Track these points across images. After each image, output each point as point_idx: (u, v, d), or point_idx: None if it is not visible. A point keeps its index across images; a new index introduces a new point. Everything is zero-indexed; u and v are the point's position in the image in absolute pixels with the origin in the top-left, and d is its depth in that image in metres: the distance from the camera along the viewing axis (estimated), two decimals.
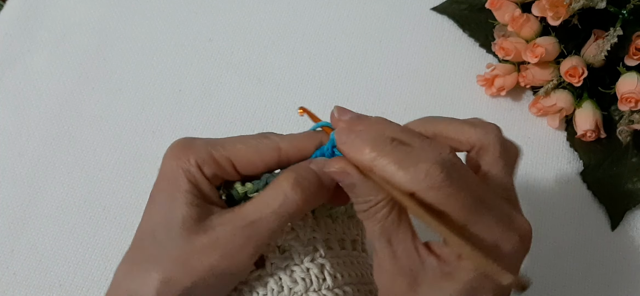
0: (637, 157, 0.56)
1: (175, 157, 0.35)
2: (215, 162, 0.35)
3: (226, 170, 0.35)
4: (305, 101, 0.61)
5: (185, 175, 0.34)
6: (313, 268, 0.36)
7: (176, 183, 0.34)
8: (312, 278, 0.36)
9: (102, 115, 0.60)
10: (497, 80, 0.59)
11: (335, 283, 0.37)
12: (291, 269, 0.36)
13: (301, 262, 0.36)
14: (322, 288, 0.36)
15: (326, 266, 0.37)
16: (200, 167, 0.35)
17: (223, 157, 0.35)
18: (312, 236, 0.37)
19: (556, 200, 0.56)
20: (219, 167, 0.35)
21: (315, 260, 0.37)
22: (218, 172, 0.35)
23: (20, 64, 0.63)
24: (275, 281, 0.36)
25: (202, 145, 0.35)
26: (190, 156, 0.35)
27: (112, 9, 0.67)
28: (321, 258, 0.37)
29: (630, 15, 0.55)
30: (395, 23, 0.66)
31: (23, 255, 0.53)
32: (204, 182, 0.35)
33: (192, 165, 0.35)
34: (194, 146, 0.35)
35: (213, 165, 0.35)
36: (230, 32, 0.65)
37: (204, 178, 0.35)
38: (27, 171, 0.57)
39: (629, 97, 0.53)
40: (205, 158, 0.35)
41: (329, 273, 0.36)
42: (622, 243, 0.54)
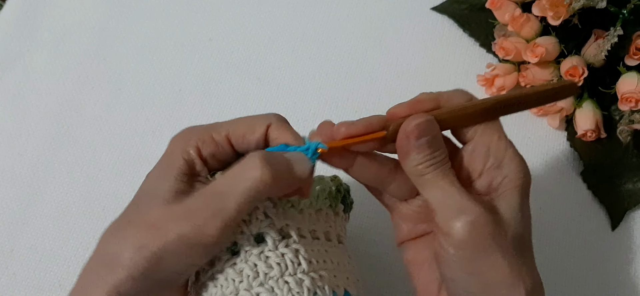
0: (637, 157, 0.56)
1: (177, 140, 0.38)
2: (213, 142, 0.37)
3: (224, 148, 0.38)
4: (305, 101, 0.61)
5: (181, 153, 0.37)
6: (288, 253, 0.37)
7: (171, 161, 0.37)
8: (287, 263, 0.36)
9: (102, 115, 0.60)
10: (497, 80, 0.59)
11: (311, 267, 0.37)
12: (266, 255, 0.37)
13: (275, 248, 0.37)
14: (297, 272, 0.36)
15: (301, 251, 0.37)
16: (199, 147, 0.37)
17: (221, 136, 0.38)
18: (286, 223, 0.38)
19: (556, 200, 0.56)
20: (216, 146, 0.38)
21: (289, 246, 0.37)
22: (216, 152, 0.38)
23: (20, 64, 0.63)
24: (249, 267, 0.36)
25: (204, 128, 0.38)
26: (191, 137, 0.37)
27: (112, 9, 0.67)
28: (295, 243, 0.37)
29: (630, 15, 0.55)
30: (395, 23, 0.66)
31: (23, 255, 0.53)
32: (197, 161, 0.37)
33: (191, 145, 0.37)
34: (196, 129, 0.38)
35: (211, 145, 0.37)
36: (230, 32, 0.65)
37: (199, 158, 0.37)
38: (27, 171, 0.57)
39: (629, 97, 0.53)
40: (206, 139, 0.37)
41: (304, 258, 0.37)
42: (622, 243, 0.54)
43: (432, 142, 0.36)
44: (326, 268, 0.38)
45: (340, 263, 0.40)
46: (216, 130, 0.38)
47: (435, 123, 0.37)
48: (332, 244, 0.41)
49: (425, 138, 0.36)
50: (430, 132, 0.36)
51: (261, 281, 0.36)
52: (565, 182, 0.57)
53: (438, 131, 0.37)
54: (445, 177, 0.36)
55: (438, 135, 0.37)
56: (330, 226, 0.42)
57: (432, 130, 0.37)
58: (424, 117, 0.37)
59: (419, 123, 0.36)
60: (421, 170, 0.37)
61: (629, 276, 0.53)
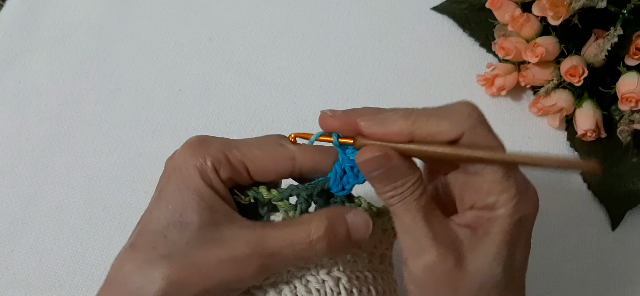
0: (637, 157, 0.56)
1: (191, 154, 0.35)
2: (230, 165, 0.35)
3: (241, 174, 0.35)
4: (305, 101, 0.61)
5: (200, 174, 0.34)
6: (328, 280, 0.35)
7: (190, 181, 0.34)
8: (327, 291, 0.35)
9: (102, 115, 0.60)
10: (497, 79, 0.59)
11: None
12: (307, 278, 0.36)
13: (317, 273, 0.36)
14: None
15: (342, 280, 0.36)
16: (216, 168, 0.34)
17: (238, 160, 0.35)
18: None
19: (556, 200, 0.56)
20: (234, 170, 0.35)
21: (331, 273, 0.36)
22: (233, 176, 0.35)
23: (20, 63, 0.63)
24: (289, 289, 0.35)
25: (219, 146, 0.35)
26: (206, 155, 0.34)
27: (112, 9, 0.67)
28: (338, 271, 0.36)
29: (630, 14, 0.55)
30: (395, 23, 0.66)
31: (23, 255, 0.53)
32: (219, 184, 0.35)
33: (208, 165, 0.34)
34: (212, 145, 0.35)
35: (228, 168, 0.35)
36: (230, 32, 0.65)
37: (219, 181, 0.35)
38: (27, 171, 0.57)
39: (629, 97, 0.53)
40: (222, 160, 0.35)
41: (344, 287, 0.36)
42: (622, 243, 0.54)
43: (387, 175, 0.33)
44: None
45: (387, 291, 0.39)
46: (232, 152, 0.35)
47: (389, 158, 0.33)
48: (384, 267, 0.40)
49: (377, 172, 0.33)
50: (382, 166, 0.33)
51: None
52: (565, 182, 0.57)
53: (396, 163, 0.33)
54: (408, 211, 0.33)
55: (396, 166, 0.33)
56: (387, 249, 0.40)
57: (384, 165, 0.33)
58: (375, 152, 0.33)
59: (368, 160, 0.33)
60: (385, 200, 0.34)
61: (629, 276, 0.53)
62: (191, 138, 0.36)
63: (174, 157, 0.36)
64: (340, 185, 0.36)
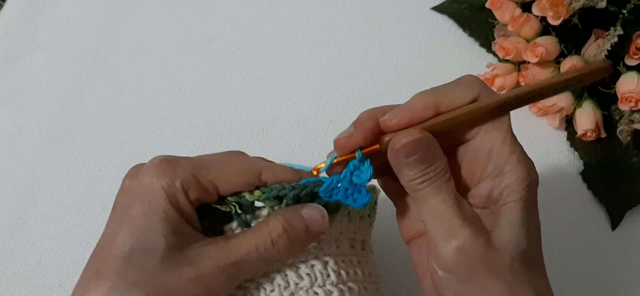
0: (637, 157, 0.56)
1: (157, 175, 0.34)
2: (200, 186, 0.35)
3: (210, 193, 0.35)
4: (305, 101, 0.61)
5: (167, 197, 0.34)
6: (317, 264, 0.37)
7: (156, 204, 0.33)
8: (316, 274, 0.37)
9: (102, 115, 0.60)
10: (497, 79, 0.59)
11: (339, 279, 0.37)
12: (297, 265, 0.37)
13: (306, 259, 0.37)
14: (326, 284, 0.37)
15: (330, 263, 0.37)
16: (185, 190, 0.34)
17: (208, 181, 0.35)
18: None
19: (556, 200, 0.56)
20: (203, 190, 0.35)
21: (319, 257, 0.37)
22: (202, 196, 0.35)
23: (20, 63, 0.63)
24: (281, 276, 0.36)
25: (188, 167, 0.34)
26: (175, 178, 0.34)
27: (112, 9, 0.67)
28: (325, 255, 0.37)
29: (630, 14, 0.55)
30: (395, 23, 0.66)
31: (23, 255, 0.53)
32: (187, 206, 0.34)
33: (177, 187, 0.34)
34: (179, 167, 0.34)
35: (198, 189, 0.35)
36: (230, 32, 0.65)
37: (188, 203, 0.34)
38: (27, 171, 0.57)
39: (629, 97, 0.53)
40: (191, 182, 0.34)
41: (333, 270, 0.37)
42: (622, 243, 0.54)
43: (424, 158, 0.34)
44: (356, 280, 0.38)
45: (372, 274, 0.40)
46: (201, 172, 0.35)
47: (426, 140, 0.34)
48: (365, 253, 0.41)
49: (415, 156, 0.34)
50: (420, 149, 0.34)
51: (292, 291, 0.36)
52: (565, 182, 0.57)
53: (431, 145, 0.35)
54: (438, 193, 0.34)
55: (431, 149, 0.35)
56: (366, 235, 0.42)
57: (422, 147, 0.34)
58: (413, 135, 0.34)
59: (406, 144, 0.34)
60: (414, 185, 0.35)
61: (629, 276, 0.53)
62: (157, 158, 0.35)
63: (137, 176, 0.35)
64: (329, 194, 0.37)
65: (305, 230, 0.36)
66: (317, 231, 0.36)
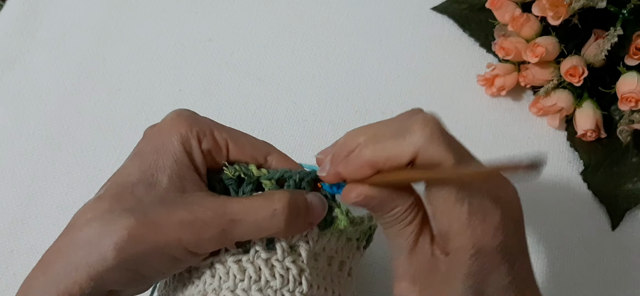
0: (637, 157, 0.56)
1: (178, 121, 0.36)
2: (214, 140, 0.36)
3: (221, 151, 0.37)
4: (305, 101, 0.61)
5: (181, 140, 0.35)
6: (293, 269, 0.36)
7: (169, 145, 0.35)
8: (289, 278, 0.36)
9: (102, 115, 0.60)
10: (497, 80, 0.59)
11: (310, 291, 0.37)
12: (272, 263, 0.36)
13: (283, 259, 0.37)
14: (295, 291, 0.36)
15: (305, 272, 0.37)
16: (200, 138, 0.36)
17: (222, 138, 0.37)
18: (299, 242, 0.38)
19: (556, 200, 0.56)
20: (216, 145, 0.36)
21: (296, 262, 0.37)
22: (213, 150, 0.36)
23: (20, 63, 0.63)
24: (254, 269, 0.36)
25: (207, 122, 0.37)
26: (193, 125, 0.36)
27: (112, 9, 0.67)
28: (302, 263, 0.37)
29: (630, 14, 0.55)
30: (395, 23, 0.66)
31: (23, 255, 0.53)
32: (198, 154, 0.36)
33: (193, 135, 0.36)
34: (199, 119, 0.37)
35: (211, 142, 0.36)
36: (230, 32, 0.65)
37: (200, 151, 0.36)
38: (27, 171, 0.57)
39: (629, 97, 0.53)
40: (207, 133, 0.36)
41: (306, 279, 0.37)
42: (622, 243, 0.54)
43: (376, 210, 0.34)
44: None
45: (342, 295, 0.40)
46: (218, 129, 0.37)
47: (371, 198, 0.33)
48: (342, 275, 0.41)
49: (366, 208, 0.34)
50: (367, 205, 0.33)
51: (261, 287, 0.36)
52: (565, 182, 0.57)
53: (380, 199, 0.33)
54: (396, 237, 0.34)
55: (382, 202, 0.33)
56: (348, 257, 0.42)
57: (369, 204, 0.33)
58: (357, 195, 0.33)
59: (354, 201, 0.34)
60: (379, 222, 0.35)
61: (629, 276, 0.53)
62: (181, 109, 0.37)
63: (158, 123, 0.37)
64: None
65: (306, 214, 0.36)
66: (314, 220, 0.37)
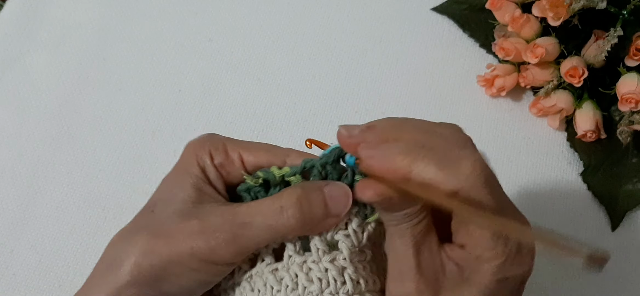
0: (637, 158, 0.56)
1: (193, 145, 0.37)
2: (225, 153, 0.37)
3: (234, 163, 0.37)
4: (305, 101, 0.61)
5: (196, 160, 0.36)
6: (332, 269, 0.34)
7: (187, 168, 0.36)
8: (329, 280, 0.34)
9: (102, 115, 0.60)
10: (497, 80, 0.59)
11: (356, 288, 0.34)
12: (309, 266, 0.34)
13: (319, 260, 0.34)
14: (339, 292, 0.34)
15: (348, 269, 0.34)
16: (212, 155, 0.36)
17: (235, 151, 0.37)
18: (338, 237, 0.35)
19: (556, 201, 0.56)
20: (227, 157, 0.37)
21: (335, 261, 0.34)
22: (225, 163, 0.37)
23: (20, 64, 0.63)
24: (290, 277, 0.34)
25: (219, 138, 0.38)
26: (206, 144, 0.37)
27: (112, 9, 0.67)
28: (343, 260, 0.34)
29: (630, 15, 0.55)
30: (395, 23, 0.66)
31: (23, 255, 0.53)
32: (211, 169, 0.36)
33: (205, 151, 0.36)
34: (213, 137, 0.38)
35: (223, 155, 0.37)
36: (230, 32, 0.65)
37: (212, 166, 0.36)
38: (27, 171, 0.57)
39: (629, 98, 0.53)
40: (219, 148, 0.37)
41: (350, 278, 0.34)
42: (622, 243, 0.54)
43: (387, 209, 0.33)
44: (374, 290, 0.36)
45: None
46: (231, 144, 0.37)
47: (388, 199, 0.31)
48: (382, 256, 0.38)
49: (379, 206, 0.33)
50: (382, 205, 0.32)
51: (299, 294, 0.34)
52: (565, 182, 0.57)
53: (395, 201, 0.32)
54: (402, 236, 0.32)
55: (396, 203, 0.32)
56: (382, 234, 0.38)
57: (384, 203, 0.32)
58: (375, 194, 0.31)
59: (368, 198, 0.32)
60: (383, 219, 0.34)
61: (629, 276, 0.53)
62: (202, 135, 0.38)
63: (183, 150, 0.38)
64: None
65: (323, 206, 0.34)
66: (338, 212, 0.34)
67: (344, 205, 0.35)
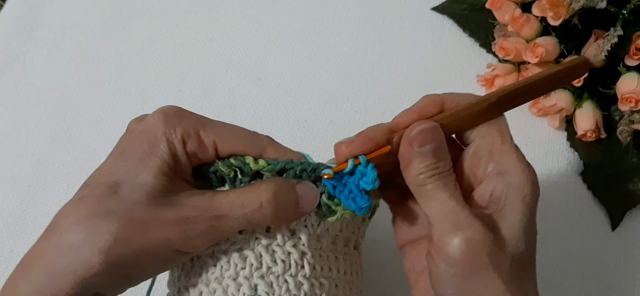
0: (637, 157, 0.56)
1: (164, 121, 0.35)
2: (199, 141, 0.35)
3: (208, 152, 0.36)
4: (305, 101, 0.61)
5: (167, 142, 0.34)
6: (294, 253, 0.37)
7: (155, 146, 0.34)
8: (291, 262, 0.36)
9: (102, 115, 0.60)
10: (497, 80, 0.59)
11: (313, 273, 0.37)
12: (273, 248, 0.37)
13: (283, 244, 0.37)
14: (298, 275, 0.36)
15: (307, 255, 0.37)
16: (185, 141, 0.35)
17: (209, 139, 0.35)
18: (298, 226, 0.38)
19: (556, 200, 0.56)
20: (201, 146, 0.35)
21: (297, 246, 0.37)
22: (199, 153, 0.35)
23: (20, 63, 0.63)
24: (255, 256, 0.36)
25: (192, 121, 0.35)
26: (178, 126, 0.35)
27: (112, 9, 0.67)
28: (303, 246, 0.37)
29: (630, 15, 0.55)
30: (395, 23, 0.66)
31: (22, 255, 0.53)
32: (183, 157, 0.35)
33: (177, 136, 0.35)
34: (185, 118, 0.35)
35: (196, 143, 0.35)
36: (230, 32, 0.65)
37: (185, 154, 0.35)
38: (27, 171, 0.57)
39: (629, 97, 0.53)
40: (192, 134, 0.35)
41: (308, 262, 0.37)
42: (622, 243, 0.54)
43: (436, 150, 0.35)
44: (330, 277, 0.38)
45: (348, 272, 0.40)
46: (205, 129, 0.35)
47: (440, 130, 0.35)
48: (347, 250, 0.41)
49: (429, 146, 0.35)
50: (434, 139, 0.35)
51: (263, 273, 0.36)
52: (565, 182, 0.57)
53: (443, 139, 0.35)
54: (446, 189, 0.34)
55: (443, 144, 0.35)
56: (353, 232, 0.41)
57: (436, 138, 0.35)
58: (429, 123, 0.35)
59: (423, 130, 0.35)
60: (422, 179, 0.35)
61: (629, 277, 0.53)
62: (167, 107, 0.36)
63: (143, 120, 0.36)
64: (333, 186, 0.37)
65: (295, 204, 0.35)
66: (306, 210, 0.36)
67: (312, 205, 0.36)
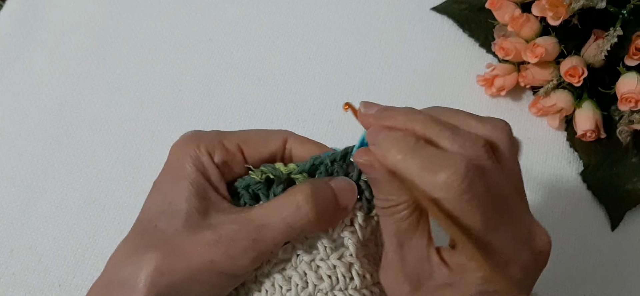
0: (637, 157, 0.56)
1: (183, 145, 0.35)
2: (224, 149, 0.35)
3: (235, 156, 0.35)
4: (305, 101, 0.61)
5: (193, 161, 0.34)
6: (340, 266, 0.35)
7: (182, 170, 0.34)
8: (338, 276, 0.34)
9: (102, 115, 0.60)
10: (497, 80, 0.59)
11: (363, 283, 0.35)
12: (317, 264, 0.35)
13: (327, 258, 0.35)
14: (348, 288, 0.35)
15: (355, 265, 0.35)
16: (210, 154, 0.35)
17: (233, 144, 0.35)
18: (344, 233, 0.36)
19: (556, 200, 0.56)
20: (228, 153, 0.35)
21: (343, 258, 0.35)
22: (228, 159, 0.35)
23: (20, 64, 0.63)
24: (299, 275, 0.34)
25: (213, 134, 0.35)
26: (200, 143, 0.35)
27: (112, 9, 0.67)
28: (350, 256, 0.35)
29: (630, 15, 0.55)
30: (395, 23, 0.66)
31: (22, 255, 0.53)
32: (213, 170, 0.35)
33: (202, 152, 0.34)
34: (205, 134, 0.35)
35: (223, 151, 0.35)
36: (230, 32, 0.65)
37: (214, 166, 0.35)
38: (26, 171, 0.57)
39: (629, 97, 0.53)
40: (216, 145, 0.35)
41: (357, 273, 0.35)
42: (622, 243, 0.54)
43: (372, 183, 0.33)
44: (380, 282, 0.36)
45: None
46: (227, 137, 0.35)
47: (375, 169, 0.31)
48: None
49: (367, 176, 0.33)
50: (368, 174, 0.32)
51: (310, 292, 0.34)
52: (565, 182, 0.57)
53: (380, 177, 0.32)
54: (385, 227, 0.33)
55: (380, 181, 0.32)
56: None
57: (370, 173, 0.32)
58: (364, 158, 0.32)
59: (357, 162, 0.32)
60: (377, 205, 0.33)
61: (628, 276, 0.53)
62: (186, 133, 0.36)
63: (170, 150, 0.36)
64: None
65: (334, 199, 0.34)
66: (346, 204, 0.35)
67: (351, 198, 0.35)
